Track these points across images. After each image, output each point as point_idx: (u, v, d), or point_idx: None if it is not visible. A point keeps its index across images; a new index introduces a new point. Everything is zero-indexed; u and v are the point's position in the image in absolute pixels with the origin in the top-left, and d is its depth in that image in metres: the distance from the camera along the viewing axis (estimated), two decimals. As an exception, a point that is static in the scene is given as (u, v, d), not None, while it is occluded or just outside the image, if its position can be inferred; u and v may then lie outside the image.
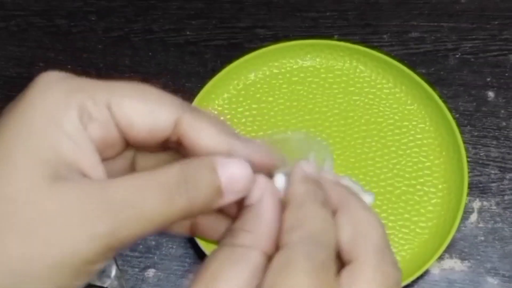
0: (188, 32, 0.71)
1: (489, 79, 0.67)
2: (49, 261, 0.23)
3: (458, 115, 0.65)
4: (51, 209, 0.23)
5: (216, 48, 0.70)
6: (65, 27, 0.71)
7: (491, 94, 0.67)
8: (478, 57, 0.69)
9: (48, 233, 0.23)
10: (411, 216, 0.59)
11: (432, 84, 0.64)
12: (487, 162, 0.63)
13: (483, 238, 0.59)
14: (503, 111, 0.66)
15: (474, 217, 0.60)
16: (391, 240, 0.57)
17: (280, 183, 0.29)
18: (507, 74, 0.68)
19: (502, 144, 0.64)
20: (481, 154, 0.63)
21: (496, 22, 0.71)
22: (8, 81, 0.68)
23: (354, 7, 0.72)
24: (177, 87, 0.66)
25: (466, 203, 0.58)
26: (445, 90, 0.66)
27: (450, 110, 0.62)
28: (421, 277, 0.56)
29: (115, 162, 0.28)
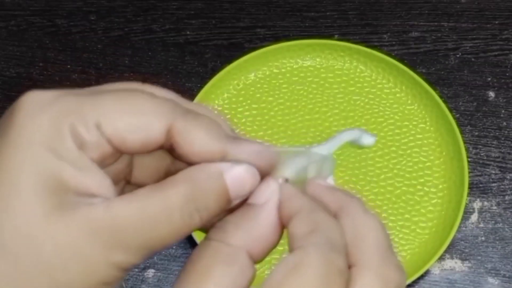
0: (188, 32, 0.71)
1: (490, 79, 0.67)
2: None
3: (459, 115, 0.65)
4: (65, 243, 0.24)
5: (216, 48, 0.69)
6: (65, 27, 0.71)
7: (492, 94, 0.66)
8: (479, 57, 0.69)
9: (68, 266, 0.24)
10: (412, 216, 0.59)
11: (433, 84, 0.64)
12: (488, 162, 0.63)
13: (484, 238, 0.59)
14: (504, 111, 0.65)
15: (475, 217, 0.60)
16: (391, 240, 0.57)
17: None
18: (508, 74, 0.68)
19: (503, 144, 0.64)
20: (482, 154, 0.63)
21: (497, 22, 0.71)
22: (8, 81, 0.68)
23: (354, 7, 0.72)
24: (177, 87, 0.66)
25: (467, 203, 0.58)
26: (446, 90, 0.66)
27: (451, 110, 0.62)
28: (422, 277, 0.56)
29: (115, 163, 0.28)
